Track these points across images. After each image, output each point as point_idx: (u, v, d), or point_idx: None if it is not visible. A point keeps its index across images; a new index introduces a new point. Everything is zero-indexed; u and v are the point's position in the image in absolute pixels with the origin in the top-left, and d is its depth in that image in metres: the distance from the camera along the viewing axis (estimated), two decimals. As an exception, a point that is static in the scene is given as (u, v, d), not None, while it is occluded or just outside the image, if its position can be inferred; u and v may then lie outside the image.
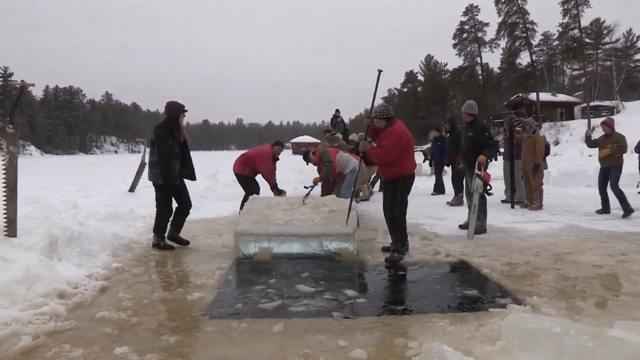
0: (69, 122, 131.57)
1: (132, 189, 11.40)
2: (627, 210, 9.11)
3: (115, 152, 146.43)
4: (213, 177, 15.70)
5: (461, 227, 7.69)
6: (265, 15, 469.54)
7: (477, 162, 7.13)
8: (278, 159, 9.09)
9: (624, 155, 9.41)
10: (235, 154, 13.18)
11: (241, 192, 9.25)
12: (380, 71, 5.92)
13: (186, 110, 6.64)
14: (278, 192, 8.99)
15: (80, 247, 5.51)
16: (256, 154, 9.10)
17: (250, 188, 8.82)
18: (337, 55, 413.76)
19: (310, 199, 6.77)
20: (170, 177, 6.40)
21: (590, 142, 9.89)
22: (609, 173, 9.37)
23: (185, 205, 6.78)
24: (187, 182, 6.83)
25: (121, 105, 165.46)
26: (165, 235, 6.57)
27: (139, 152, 14.87)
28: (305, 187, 8.40)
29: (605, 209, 9.42)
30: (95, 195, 11.44)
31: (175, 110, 6.52)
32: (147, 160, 7.81)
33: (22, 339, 3.25)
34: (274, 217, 6.23)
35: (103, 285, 4.60)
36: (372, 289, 4.71)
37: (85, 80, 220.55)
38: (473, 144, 7.48)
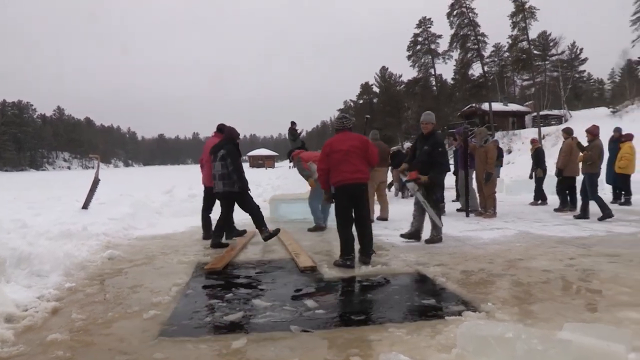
0: (18, 137, 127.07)
1: (85, 206, 11.12)
2: (605, 215, 9.43)
3: (69, 168, 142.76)
4: (169, 193, 15.48)
5: (402, 236, 7.72)
6: (220, 28, 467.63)
7: (408, 173, 7.51)
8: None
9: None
10: (191, 168, 13.03)
11: (198, 207, 9.10)
12: (367, 117, 6.38)
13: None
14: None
15: (30, 268, 5.33)
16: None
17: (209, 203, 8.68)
18: (292, 68, 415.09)
19: None
20: (247, 184, 7.82)
21: (580, 148, 10.20)
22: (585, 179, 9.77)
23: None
24: (143, 198, 6.92)
25: (74, 120, 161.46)
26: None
27: (92, 167, 14.53)
28: None
29: (584, 214, 9.74)
30: (46, 213, 11.09)
31: (236, 133, 8.17)
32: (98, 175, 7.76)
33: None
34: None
35: (55, 307, 4.44)
36: (331, 299, 4.73)
37: (36, 94, 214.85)
38: (428, 158, 7.48)
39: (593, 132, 9.93)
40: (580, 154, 9.96)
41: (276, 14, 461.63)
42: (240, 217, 8.55)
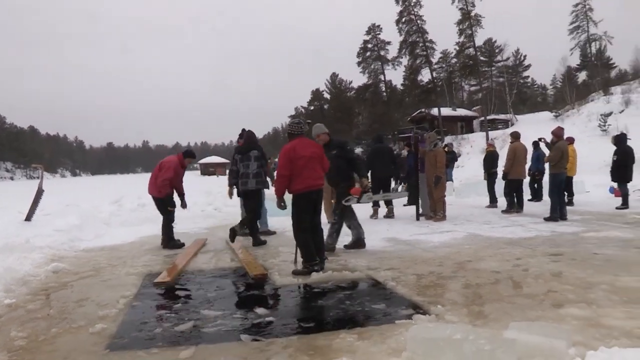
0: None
1: (28, 217, 10.71)
2: (551, 217, 9.72)
3: (11, 178, 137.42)
4: (117, 202, 15.12)
5: (346, 247, 7.60)
6: (168, 34, 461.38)
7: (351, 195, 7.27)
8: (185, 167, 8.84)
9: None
10: (141, 177, 12.81)
11: (150, 216, 8.95)
12: (308, 122, 6.39)
13: None
14: (185, 203, 8.94)
15: (-33, 285, 5.10)
16: (163, 163, 8.73)
17: (166, 206, 8.49)
18: (242, 74, 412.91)
19: None
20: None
21: (548, 147, 10.49)
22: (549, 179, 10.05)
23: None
24: (91, 209, 6.79)
25: (16, 129, 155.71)
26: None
27: (37, 177, 14.07)
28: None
29: (560, 214, 9.96)
30: (-14, 226, 10.68)
31: (255, 137, 9.15)
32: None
33: None
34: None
35: (-7, 325, 4.24)
36: (282, 307, 4.70)
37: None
38: (341, 162, 7.28)
39: (557, 134, 10.24)
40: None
41: (225, 22, 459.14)
42: (189, 227, 8.42)
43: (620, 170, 12.21)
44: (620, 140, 12.50)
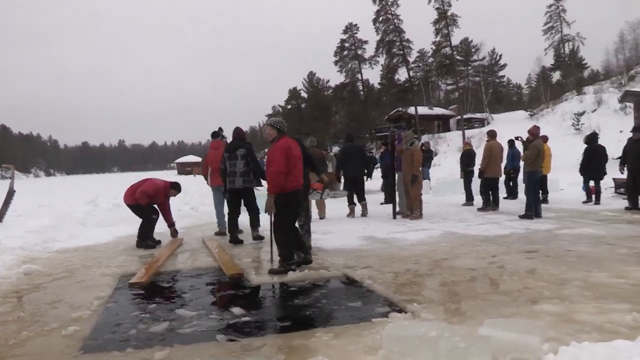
0: None
1: (-1, 219, 10.54)
2: (526, 215, 9.85)
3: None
4: (93, 202, 14.91)
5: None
6: (144, 34, 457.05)
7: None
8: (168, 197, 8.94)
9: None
10: (117, 177, 12.67)
11: (126, 216, 8.85)
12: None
13: None
14: (175, 231, 9.00)
15: None
16: (149, 181, 8.78)
17: (146, 213, 8.48)
18: (220, 74, 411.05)
19: None
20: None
21: (524, 146, 10.64)
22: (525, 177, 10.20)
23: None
24: (65, 209, 6.64)
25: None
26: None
27: (9, 177, 13.84)
28: None
29: (534, 212, 10.07)
30: (-44, 228, 10.46)
31: (244, 133, 8.91)
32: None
33: None
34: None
35: (-41, 330, 4.12)
36: (258, 306, 4.67)
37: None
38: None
39: (533, 133, 10.40)
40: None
41: (202, 20, 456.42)
42: (166, 227, 8.34)
43: (591, 168, 12.48)
44: (591, 140, 12.80)
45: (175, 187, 8.94)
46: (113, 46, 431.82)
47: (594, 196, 12.40)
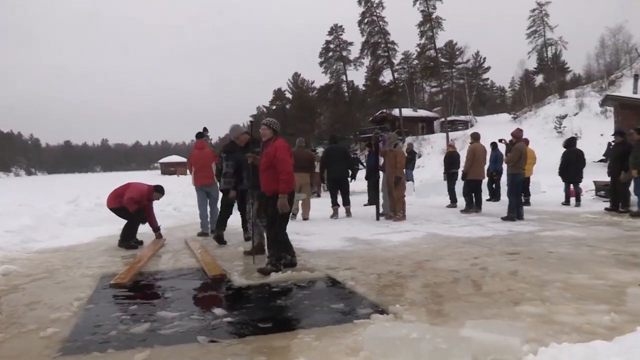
0: None
1: (-22, 218, 10.38)
2: (508, 217, 9.92)
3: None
4: (74, 202, 14.75)
5: (247, 253, 7.12)
6: (128, 33, 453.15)
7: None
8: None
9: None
10: (100, 177, 12.55)
11: (108, 216, 8.77)
12: (251, 121, 6.32)
13: None
14: (160, 236, 8.92)
15: None
16: (132, 185, 8.71)
17: (134, 218, 8.43)
18: (204, 74, 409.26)
19: None
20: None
21: (507, 148, 10.67)
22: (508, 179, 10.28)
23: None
24: (46, 209, 6.52)
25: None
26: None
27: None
28: None
29: (517, 214, 10.14)
30: None
31: (236, 132, 8.23)
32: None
33: None
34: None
35: None
36: (240, 307, 4.64)
37: None
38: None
39: (516, 135, 10.51)
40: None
41: (184, 21, 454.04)
42: (148, 227, 8.26)
43: (570, 171, 12.66)
44: (570, 144, 13.04)
45: (159, 190, 8.87)
46: (97, 44, 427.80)
47: (573, 199, 12.57)
